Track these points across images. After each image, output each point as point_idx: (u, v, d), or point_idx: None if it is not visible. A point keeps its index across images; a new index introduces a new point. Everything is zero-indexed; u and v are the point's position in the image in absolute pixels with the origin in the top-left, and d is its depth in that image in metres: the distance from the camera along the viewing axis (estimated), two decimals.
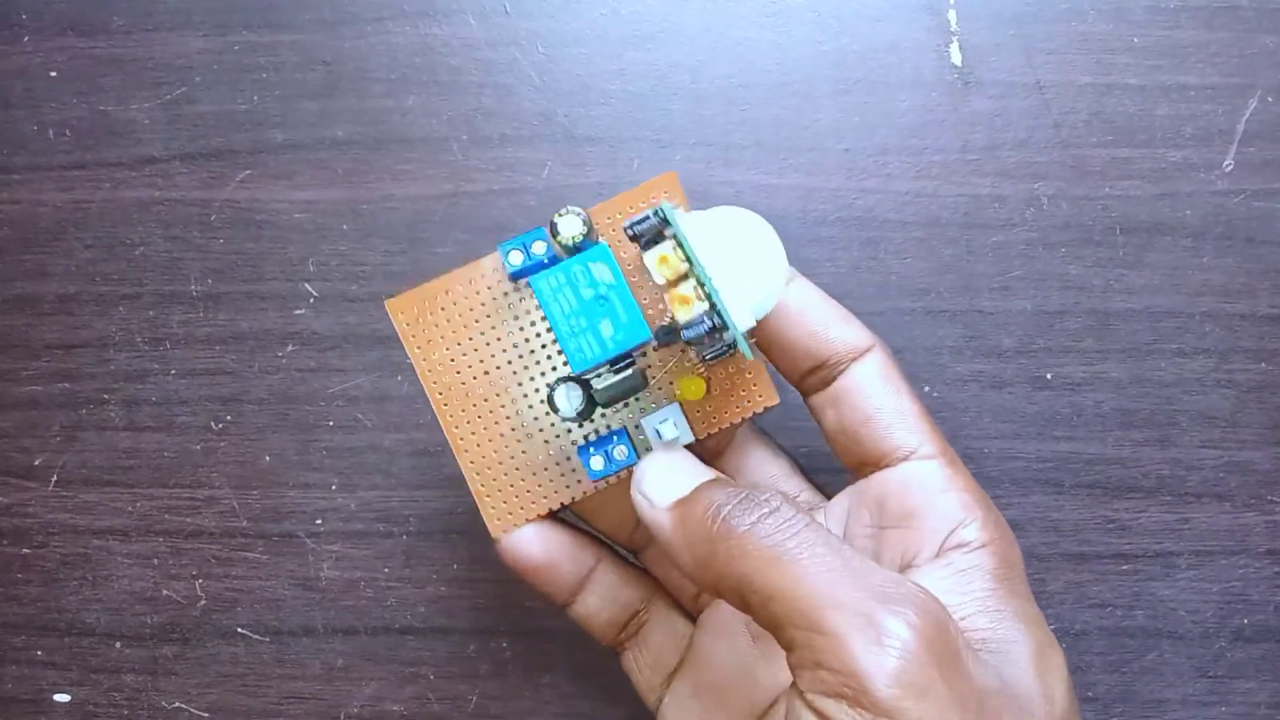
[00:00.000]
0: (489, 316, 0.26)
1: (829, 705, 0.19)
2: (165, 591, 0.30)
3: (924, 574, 0.23)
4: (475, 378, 0.26)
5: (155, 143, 0.32)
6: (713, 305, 0.23)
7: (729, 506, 0.21)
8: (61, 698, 0.30)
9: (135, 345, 0.31)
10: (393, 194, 0.31)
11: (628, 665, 0.27)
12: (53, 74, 0.32)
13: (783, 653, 0.24)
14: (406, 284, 0.31)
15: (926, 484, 0.24)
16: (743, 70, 0.31)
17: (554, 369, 0.26)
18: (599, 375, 0.24)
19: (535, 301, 0.25)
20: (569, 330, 0.23)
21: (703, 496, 0.22)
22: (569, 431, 0.26)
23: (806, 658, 0.19)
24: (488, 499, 0.26)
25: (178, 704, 0.30)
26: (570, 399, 0.24)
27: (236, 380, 0.31)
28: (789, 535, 0.20)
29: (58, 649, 0.31)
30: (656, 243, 0.23)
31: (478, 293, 0.26)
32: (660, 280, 0.23)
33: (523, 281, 0.25)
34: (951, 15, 0.31)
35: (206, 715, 0.30)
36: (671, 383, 0.25)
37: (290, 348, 0.31)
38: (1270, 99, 0.30)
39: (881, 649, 0.19)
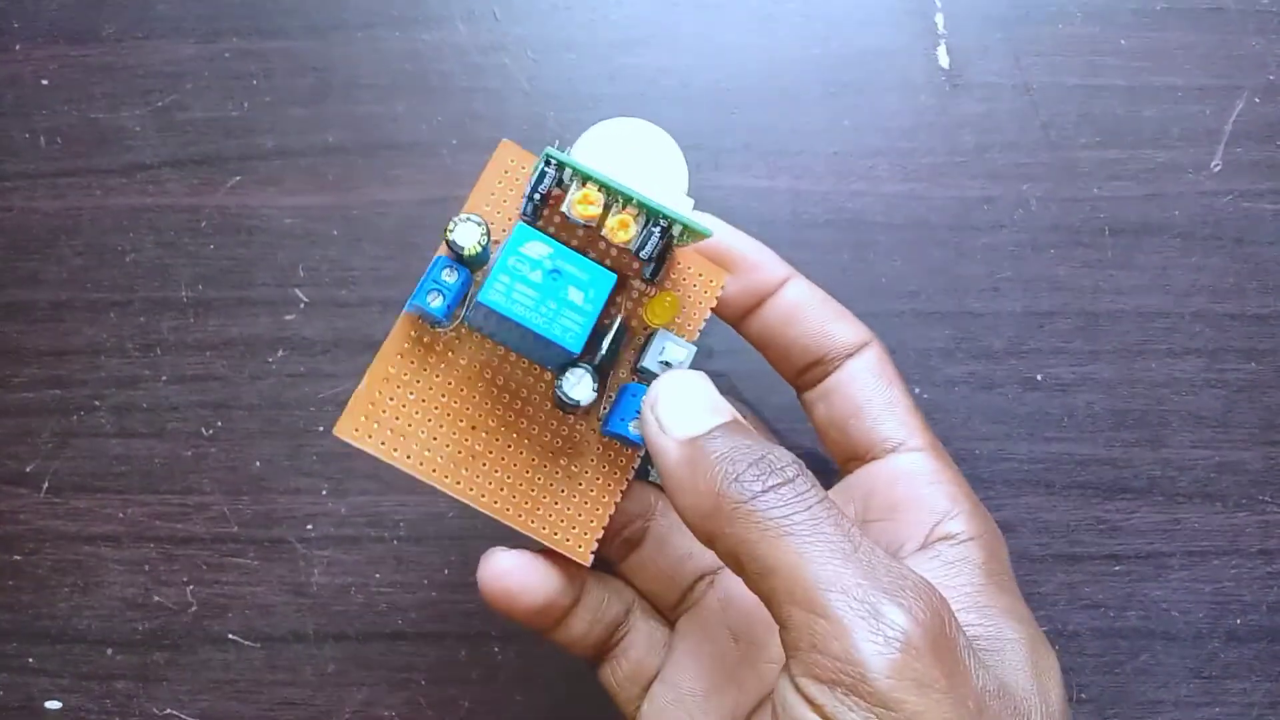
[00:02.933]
0: (439, 376, 0.24)
1: (821, 691, 0.19)
2: (156, 598, 0.30)
3: (910, 565, 0.22)
4: (467, 439, 0.24)
5: (146, 149, 0.32)
6: (650, 213, 0.22)
7: (743, 466, 0.20)
8: (53, 705, 0.30)
9: (126, 351, 0.31)
10: (383, 199, 0.31)
11: (605, 679, 0.26)
12: (44, 82, 0.32)
13: (766, 656, 0.24)
14: (397, 289, 0.31)
15: (913, 475, 0.24)
16: (732, 74, 0.31)
17: (533, 377, 0.24)
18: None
19: (467, 327, 0.24)
20: (545, 320, 0.22)
21: (717, 444, 0.21)
22: (581, 425, 0.24)
23: (803, 639, 0.19)
24: (558, 535, 0.24)
25: (169, 710, 0.30)
26: (583, 384, 0.23)
27: (227, 386, 0.31)
28: (800, 509, 0.20)
29: (49, 656, 0.30)
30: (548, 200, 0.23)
31: (413, 362, 0.24)
32: (587, 220, 0.22)
33: (457, 317, 0.24)
34: (939, 19, 0.31)
35: None
36: (642, 314, 0.24)
37: (280, 353, 0.31)
38: (1257, 100, 0.31)
39: (884, 639, 0.18)
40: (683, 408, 0.22)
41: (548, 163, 0.22)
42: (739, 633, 0.25)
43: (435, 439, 0.24)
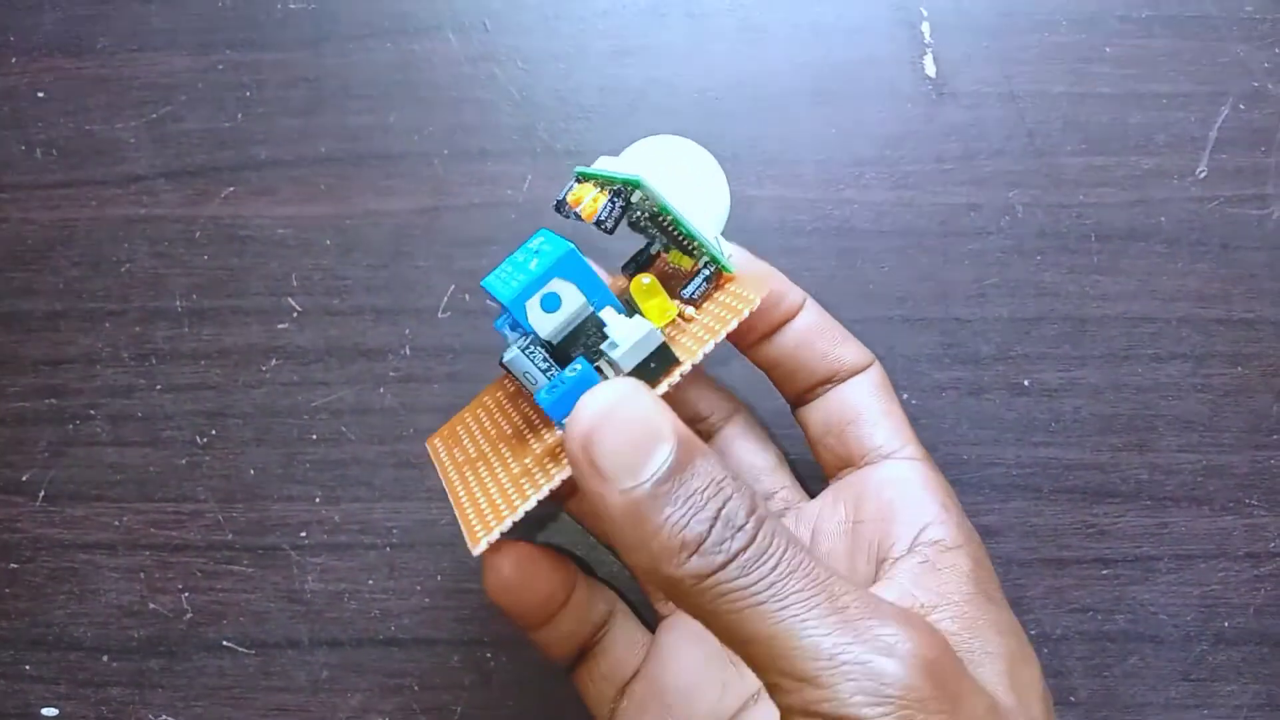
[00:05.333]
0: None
1: None
2: (152, 605, 0.31)
3: (899, 567, 0.23)
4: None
5: (140, 161, 0.32)
6: (617, 193, 0.22)
7: (702, 526, 0.19)
8: (49, 712, 0.31)
9: (121, 361, 0.31)
10: (375, 209, 0.31)
11: (580, 679, 0.26)
12: (40, 94, 0.32)
13: None
14: (389, 298, 0.31)
15: (905, 481, 0.24)
16: (719, 84, 0.31)
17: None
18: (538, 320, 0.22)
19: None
20: (500, 282, 0.22)
21: (666, 499, 0.19)
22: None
23: (796, 704, 0.18)
24: (471, 515, 0.23)
25: (165, 717, 0.30)
26: (534, 313, 0.22)
27: (221, 395, 0.31)
28: (766, 570, 0.19)
29: (45, 663, 0.31)
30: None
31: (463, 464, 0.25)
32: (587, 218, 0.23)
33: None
34: (925, 28, 0.31)
35: None
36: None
37: (274, 362, 0.31)
38: (1242, 106, 0.31)
39: (883, 700, 0.18)
40: (620, 447, 0.19)
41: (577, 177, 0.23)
42: None
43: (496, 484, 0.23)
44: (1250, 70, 0.31)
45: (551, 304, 0.22)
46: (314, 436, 0.31)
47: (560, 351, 0.22)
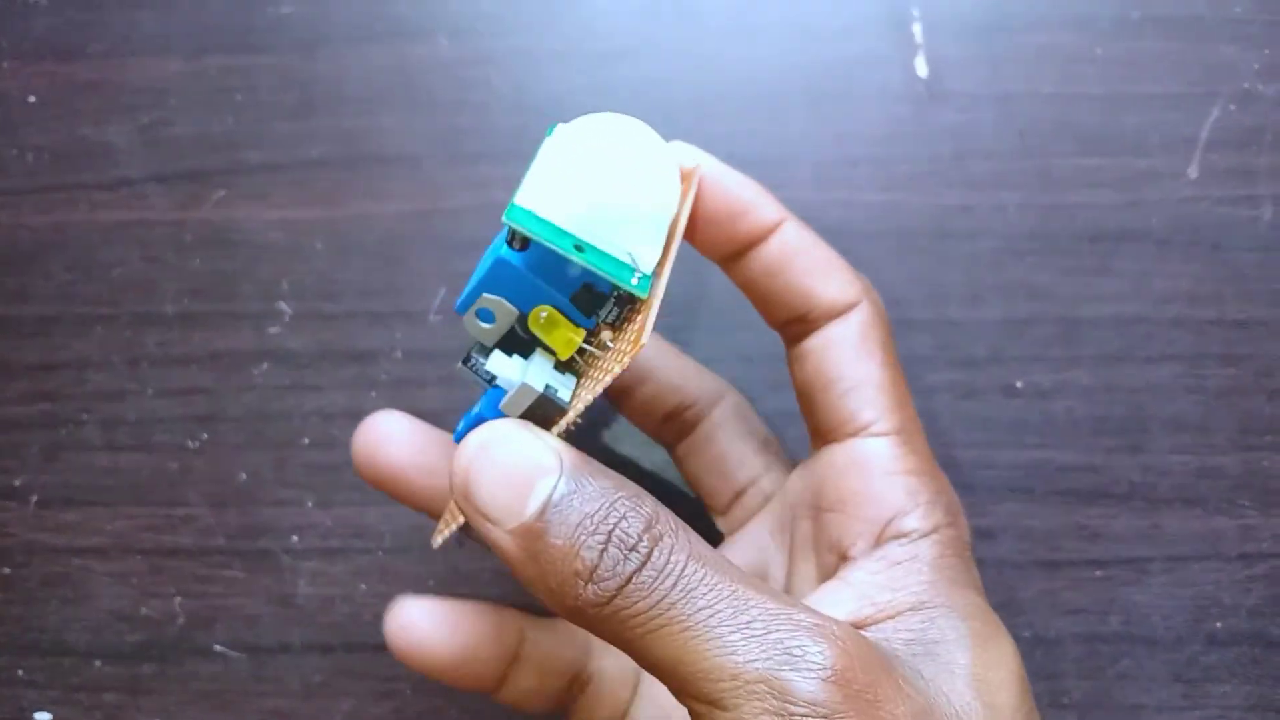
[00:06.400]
0: None
1: None
2: (144, 610, 0.31)
3: (857, 568, 0.22)
4: None
5: (132, 165, 0.32)
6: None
7: (594, 553, 0.18)
8: (43, 716, 0.30)
9: (113, 365, 0.31)
10: (368, 212, 0.31)
11: None
12: (31, 99, 0.32)
13: None
14: (381, 301, 0.31)
15: (871, 465, 0.22)
16: (712, 84, 0.31)
17: None
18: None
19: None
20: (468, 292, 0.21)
21: (556, 529, 0.18)
22: None
23: None
24: None
25: None
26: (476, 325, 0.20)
27: (212, 399, 0.31)
28: (666, 588, 0.18)
29: (38, 668, 0.31)
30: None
31: None
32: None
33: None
34: (917, 29, 0.31)
35: None
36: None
37: (265, 366, 0.31)
38: (1233, 107, 0.31)
39: (789, 718, 0.17)
40: (502, 487, 0.19)
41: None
42: None
43: None
44: (1240, 71, 0.31)
45: (487, 317, 0.21)
46: (306, 440, 0.31)
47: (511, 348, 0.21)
